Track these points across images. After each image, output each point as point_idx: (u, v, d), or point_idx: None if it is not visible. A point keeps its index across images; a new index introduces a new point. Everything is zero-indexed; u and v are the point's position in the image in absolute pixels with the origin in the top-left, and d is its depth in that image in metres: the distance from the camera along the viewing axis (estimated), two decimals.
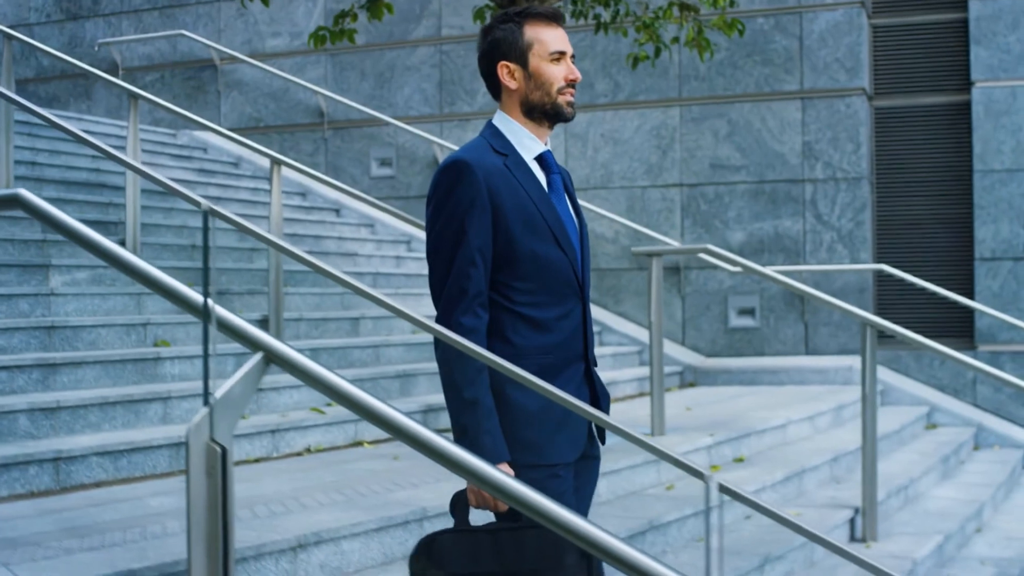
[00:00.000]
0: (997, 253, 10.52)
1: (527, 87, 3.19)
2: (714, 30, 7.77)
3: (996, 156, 10.52)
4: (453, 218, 3.05)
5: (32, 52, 13.70)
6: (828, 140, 10.83)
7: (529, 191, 3.12)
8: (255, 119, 12.80)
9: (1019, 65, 10.49)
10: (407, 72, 12.25)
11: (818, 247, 10.85)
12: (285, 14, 12.76)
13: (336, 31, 8.00)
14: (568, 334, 3.16)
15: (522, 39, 3.19)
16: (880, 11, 11.19)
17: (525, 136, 3.20)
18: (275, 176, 8.01)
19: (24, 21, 13.96)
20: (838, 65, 10.83)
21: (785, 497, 6.79)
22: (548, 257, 3.11)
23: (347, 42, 11.82)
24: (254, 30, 12.91)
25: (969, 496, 8.07)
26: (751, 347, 10.97)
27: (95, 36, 13.59)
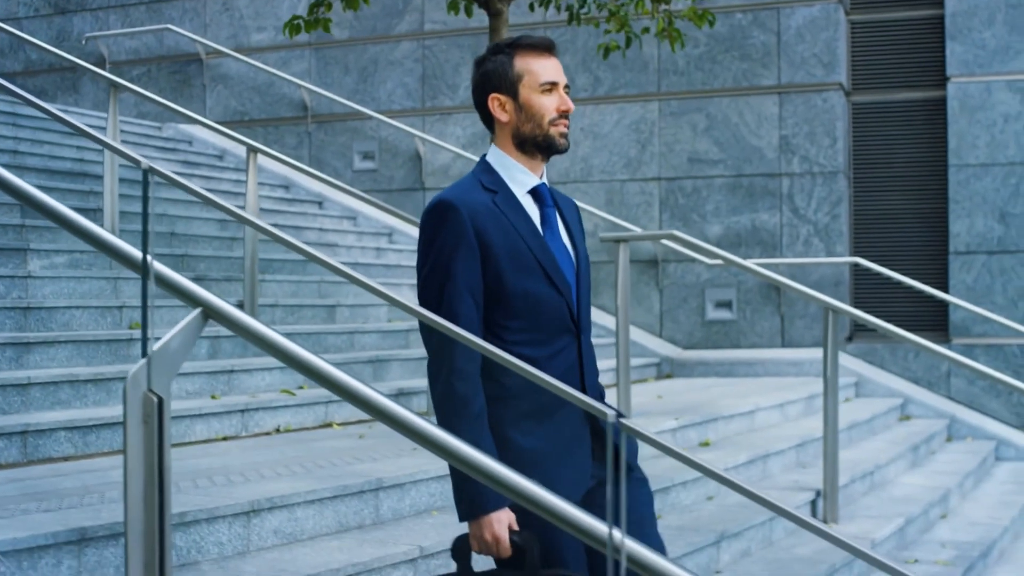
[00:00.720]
0: (971, 247, 10.63)
1: (518, 119, 3.12)
2: (685, 21, 7.87)
3: (971, 151, 10.63)
4: (440, 259, 3.01)
5: (20, 46, 13.81)
6: (805, 134, 10.94)
7: (519, 229, 3.07)
8: (240, 113, 12.90)
9: (994, 60, 10.60)
10: (390, 66, 12.36)
11: (795, 240, 10.96)
12: (270, 8, 12.87)
13: (311, 20, 8.08)
14: (561, 372, 3.07)
15: (512, 70, 3.14)
16: (858, 7, 11.31)
17: (517, 170, 3.13)
18: (251, 163, 8.10)
19: (13, 15, 14.07)
20: (815, 60, 10.94)
21: (748, 479, 6.89)
22: (539, 295, 3.06)
23: (331, 36, 11.95)
24: (239, 24, 13.02)
25: (936, 483, 8.16)
26: (728, 339, 11.08)
27: (82, 30, 13.70)
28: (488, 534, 2.90)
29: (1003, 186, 10.56)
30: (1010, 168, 10.54)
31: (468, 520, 2.94)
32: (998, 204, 10.57)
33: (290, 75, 12.54)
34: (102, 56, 13.43)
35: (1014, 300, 10.49)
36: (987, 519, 7.77)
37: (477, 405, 2.94)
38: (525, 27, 11.70)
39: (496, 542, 2.90)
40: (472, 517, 2.92)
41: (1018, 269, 10.49)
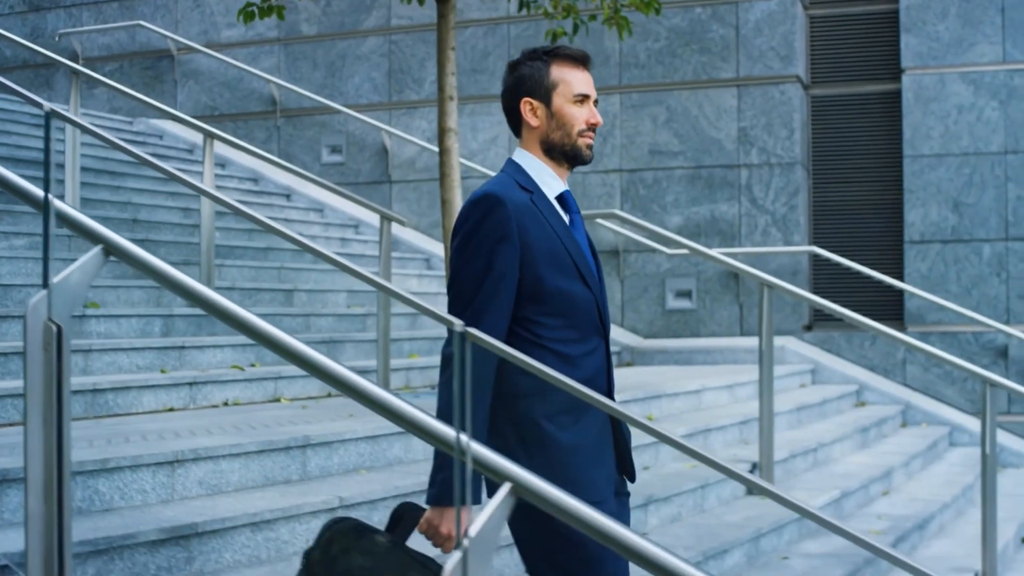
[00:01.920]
0: (926, 236, 10.80)
1: (548, 126, 3.16)
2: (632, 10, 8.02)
3: (925, 141, 10.81)
4: (480, 251, 3.02)
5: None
6: (763, 126, 11.11)
7: (555, 228, 3.10)
8: (210, 107, 13.06)
9: (948, 53, 10.78)
10: (357, 61, 12.53)
11: (753, 230, 11.12)
12: (239, 5, 13.01)
13: (264, 7, 8.23)
14: (594, 371, 3.12)
15: (548, 78, 3.17)
16: (816, 2, 11.49)
17: (547, 174, 3.18)
18: (207, 150, 8.26)
19: None
20: (773, 53, 11.12)
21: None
22: (574, 294, 3.09)
23: (300, 31, 12.11)
24: (210, 21, 13.19)
25: (881, 463, 8.32)
26: (688, 328, 11.23)
27: (56, 27, 13.86)
28: (446, 527, 2.90)
29: (957, 176, 10.73)
30: (963, 158, 10.71)
31: (434, 505, 2.92)
32: (952, 194, 10.74)
33: (259, 70, 12.71)
34: (75, 52, 13.58)
35: (967, 288, 10.66)
36: (929, 496, 7.93)
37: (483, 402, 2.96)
38: (477, 23, 11.89)
39: (449, 538, 2.90)
40: (439, 503, 2.90)
41: (971, 258, 10.66)
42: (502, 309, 3.02)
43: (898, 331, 10.58)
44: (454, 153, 7.45)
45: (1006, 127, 10.62)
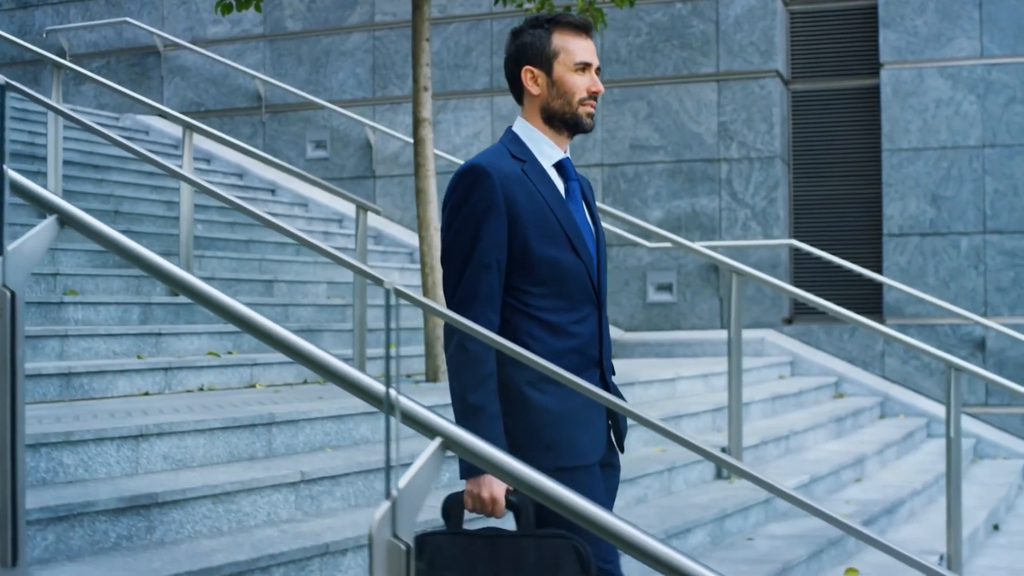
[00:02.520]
0: (904, 229, 10.88)
1: (549, 94, 3.16)
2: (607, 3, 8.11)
3: (903, 135, 10.90)
4: (468, 223, 3.03)
5: None
6: (743, 121, 11.20)
7: (546, 197, 3.10)
8: (196, 104, 13.15)
9: (926, 47, 10.87)
10: (341, 57, 12.62)
11: (733, 224, 11.21)
12: None
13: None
14: (584, 339, 3.12)
15: (549, 46, 3.16)
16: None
17: (544, 143, 3.18)
18: (187, 141, 8.34)
19: None
20: (753, 48, 11.21)
21: (656, 437, 7.11)
22: (564, 263, 3.09)
23: (285, 27, 12.20)
24: (196, 18, 13.27)
25: (855, 451, 8.40)
26: (668, 322, 11.32)
27: (44, 24, 13.95)
28: (486, 492, 2.92)
29: (935, 170, 10.82)
30: (941, 152, 10.80)
31: (467, 477, 2.94)
32: (930, 187, 10.83)
33: (245, 66, 12.79)
34: (62, 49, 13.67)
35: (945, 281, 10.75)
36: (901, 483, 8.01)
37: (488, 367, 2.98)
38: (460, 19, 11.98)
39: (493, 502, 2.92)
40: (471, 474, 2.93)
41: (949, 251, 10.75)
42: (493, 282, 3.04)
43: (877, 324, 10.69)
44: (428, 143, 7.54)
45: (984, 121, 10.70)
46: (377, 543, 2.39)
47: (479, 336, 2.86)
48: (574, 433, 3.05)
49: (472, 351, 2.97)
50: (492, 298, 3.04)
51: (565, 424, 3.04)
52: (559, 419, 3.04)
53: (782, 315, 11.17)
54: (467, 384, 2.98)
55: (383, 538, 2.41)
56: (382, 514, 2.39)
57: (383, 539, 2.41)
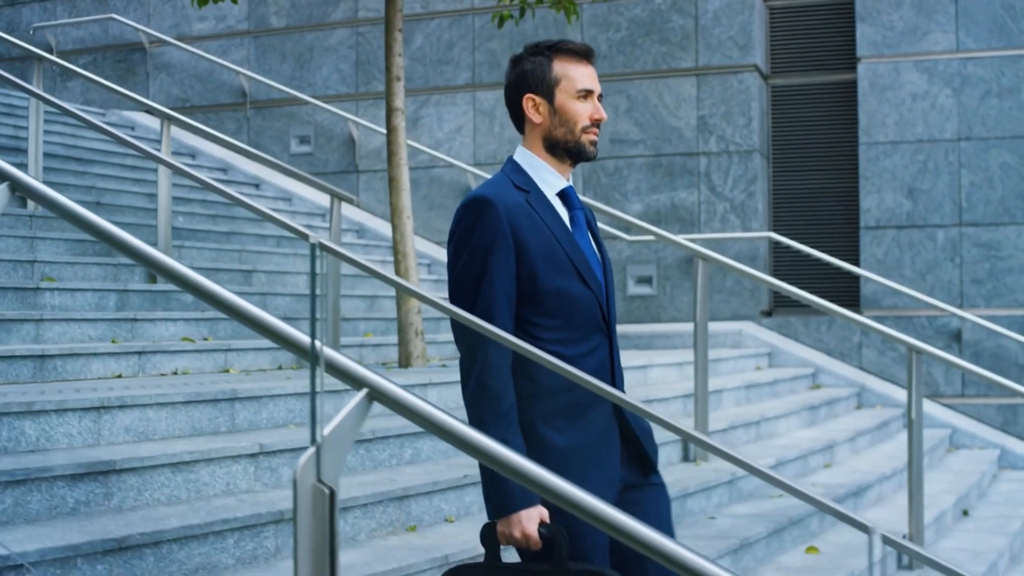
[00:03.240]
0: (881, 222, 10.98)
1: (551, 123, 3.12)
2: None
3: (880, 129, 11.00)
4: (475, 256, 3.00)
5: None
6: (721, 115, 11.30)
7: (552, 228, 3.06)
8: (182, 100, 13.25)
9: (902, 42, 10.98)
10: (325, 53, 12.72)
11: (712, 217, 11.31)
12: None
13: None
14: (594, 370, 3.06)
15: (550, 74, 3.12)
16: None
17: (547, 172, 3.13)
18: (165, 133, 8.44)
19: None
20: (731, 43, 11.31)
21: None
22: (573, 293, 3.05)
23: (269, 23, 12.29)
24: (181, 14, 13.38)
25: (826, 438, 8.48)
26: (648, 314, 11.41)
27: (31, 21, 14.06)
28: (518, 532, 2.89)
29: (911, 163, 10.92)
30: (918, 145, 10.90)
31: (497, 518, 2.93)
32: (906, 180, 10.93)
33: (230, 62, 12.90)
34: (50, 46, 13.78)
35: (922, 273, 10.84)
36: (870, 469, 8.10)
37: (507, 402, 2.94)
38: (442, 14, 12.08)
39: (526, 539, 2.89)
40: (501, 515, 2.91)
41: (926, 243, 10.85)
42: (503, 315, 3.00)
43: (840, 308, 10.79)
44: (401, 132, 7.64)
45: (959, 114, 10.81)
46: (302, 487, 2.47)
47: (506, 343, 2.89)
48: (586, 471, 2.98)
49: (492, 388, 2.94)
50: (505, 330, 2.99)
51: (579, 463, 2.98)
52: (572, 458, 2.99)
53: (761, 307, 11.26)
54: (487, 420, 2.93)
55: (308, 482, 2.49)
56: (306, 459, 2.46)
57: (308, 483, 2.49)
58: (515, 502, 2.88)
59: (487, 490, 2.95)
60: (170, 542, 3.87)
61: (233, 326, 7.56)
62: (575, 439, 3.00)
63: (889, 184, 10.97)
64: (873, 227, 11.00)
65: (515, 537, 2.91)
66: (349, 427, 2.70)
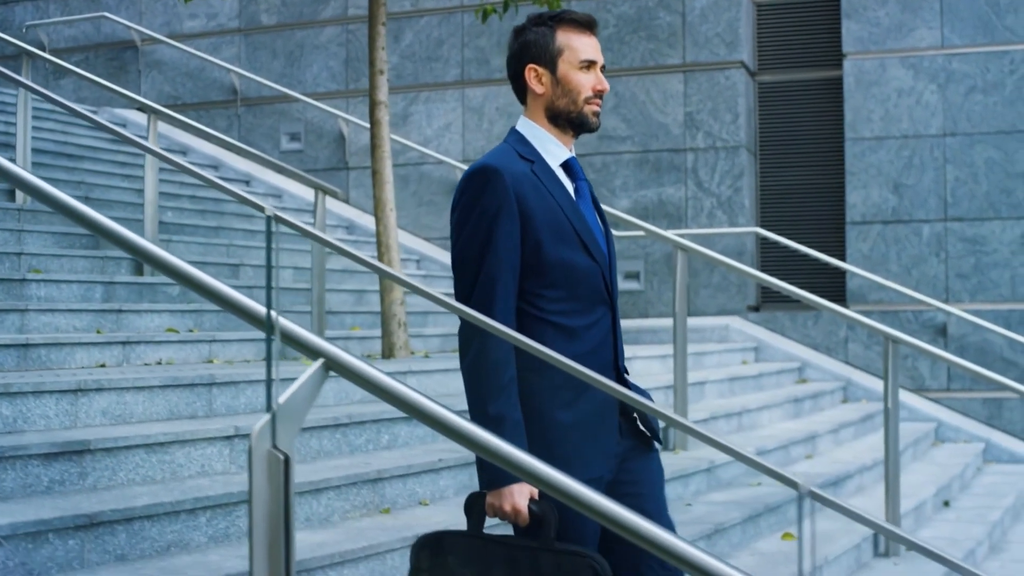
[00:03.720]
0: (867, 217, 11.05)
1: (554, 93, 3.11)
2: None
3: (866, 124, 11.07)
4: (480, 225, 2.97)
5: None
6: (708, 111, 11.37)
7: (557, 198, 3.04)
8: (173, 97, 13.32)
9: (888, 38, 11.04)
10: (315, 50, 12.80)
11: (699, 213, 11.38)
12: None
13: None
14: (598, 342, 3.06)
15: (553, 44, 3.10)
16: None
17: (550, 142, 3.13)
18: (152, 128, 8.50)
19: None
20: (718, 40, 11.38)
21: None
22: (577, 265, 3.02)
23: (260, 21, 12.36)
24: (173, 12, 13.45)
25: (809, 429, 8.54)
26: (636, 309, 11.47)
27: (24, 19, 14.14)
28: (508, 505, 2.88)
29: (897, 158, 10.99)
30: (903, 141, 10.97)
31: (488, 490, 2.91)
32: (892, 176, 11.00)
33: (221, 60, 12.97)
34: (42, 44, 13.85)
35: (907, 268, 10.91)
36: (851, 460, 8.16)
37: (506, 375, 2.92)
38: (432, 12, 12.15)
39: (515, 513, 2.88)
40: (492, 487, 2.90)
41: (911, 238, 10.91)
42: (507, 285, 2.98)
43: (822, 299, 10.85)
44: (384, 125, 7.70)
45: (944, 110, 10.87)
46: (256, 453, 2.51)
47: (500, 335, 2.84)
48: (584, 446, 2.98)
49: (489, 360, 2.91)
50: (508, 302, 2.98)
51: (578, 437, 2.98)
52: (573, 432, 2.98)
53: (748, 303, 11.33)
54: (485, 394, 2.91)
55: (262, 448, 2.52)
56: (262, 426, 2.50)
57: (262, 449, 2.52)
58: (508, 475, 2.83)
59: (481, 462, 2.91)
60: (142, 519, 3.93)
61: (219, 318, 7.63)
62: (576, 414, 2.99)
63: (875, 179, 11.03)
64: (859, 222, 11.06)
65: (504, 510, 2.89)
66: (304, 396, 2.74)
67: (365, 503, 4.78)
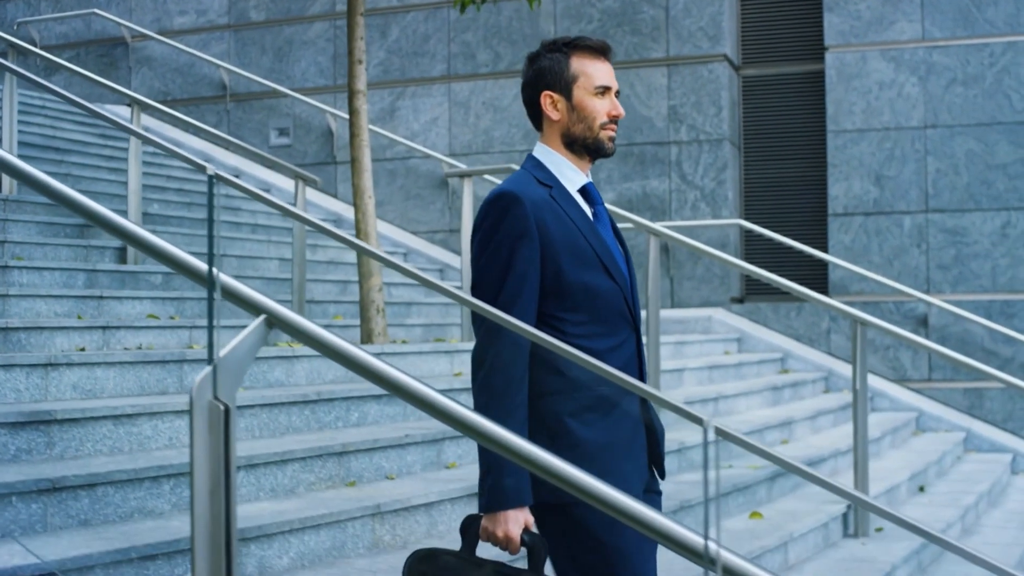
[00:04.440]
0: (849, 209, 11.14)
1: (569, 119, 3.13)
2: None
3: (848, 117, 11.16)
4: (500, 250, 2.99)
5: None
6: (692, 104, 11.47)
7: (576, 222, 3.07)
8: (163, 93, 13.43)
9: (869, 31, 11.14)
10: (304, 46, 12.91)
11: (683, 205, 11.47)
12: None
13: None
14: (622, 365, 3.04)
15: (568, 70, 3.13)
16: None
17: (567, 167, 3.15)
18: (135, 119, 8.61)
19: None
20: (701, 34, 11.48)
21: None
22: (599, 287, 3.04)
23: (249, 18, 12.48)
24: (163, 9, 13.57)
25: (785, 416, 8.63)
26: None
27: (15, 16, 14.26)
28: (500, 531, 2.89)
29: (878, 150, 11.08)
30: (884, 133, 11.07)
31: (485, 512, 2.90)
32: (874, 167, 11.09)
33: (210, 56, 13.08)
34: (33, 41, 13.97)
35: (889, 259, 11.00)
36: (827, 445, 8.25)
37: (518, 397, 2.93)
38: (418, 8, 12.25)
39: (507, 541, 2.88)
40: (489, 510, 2.89)
41: (893, 229, 11.00)
42: (526, 309, 2.99)
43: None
44: (363, 114, 7.80)
45: (925, 102, 10.97)
46: (198, 405, 2.56)
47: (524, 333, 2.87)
48: (620, 462, 2.98)
49: (498, 383, 2.92)
50: (527, 323, 2.96)
51: (611, 456, 2.97)
52: (604, 451, 2.97)
53: (731, 295, 11.42)
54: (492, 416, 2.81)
55: (204, 399, 2.58)
56: (203, 377, 2.56)
57: (204, 400, 2.58)
58: (505, 500, 2.86)
59: (482, 482, 2.92)
60: (105, 485, 4.02)
61: (200, 305, 7.72)
62: (605, 433, 2.99)
63: (856, 171, 11.13)
64: (841, 214, 11.15)
65: (496, 535, 2.90)
66: (246, 350, 2.82)
67: (331, 475, 4.88)
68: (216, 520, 2.73)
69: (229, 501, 2.76)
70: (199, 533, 2.67)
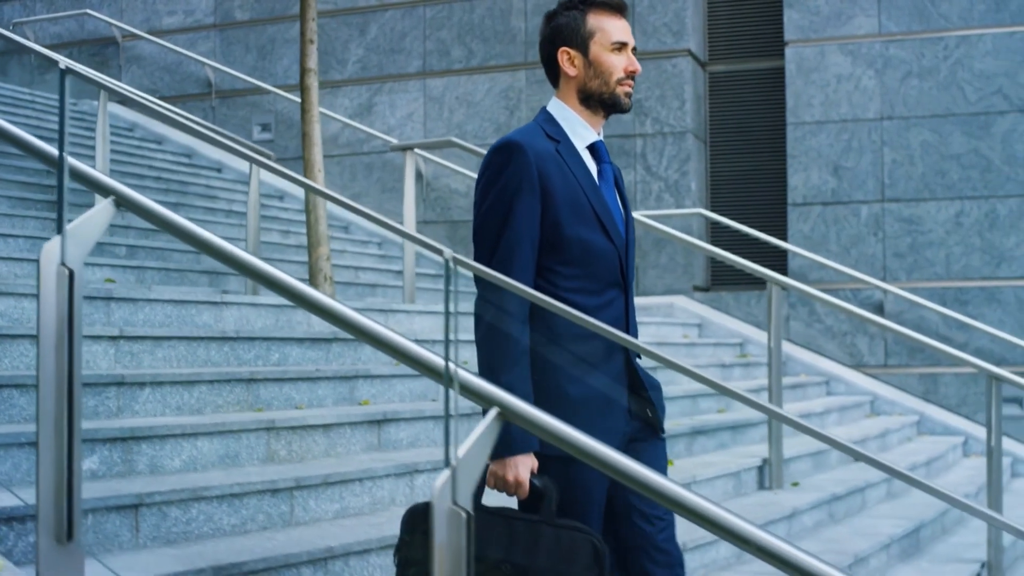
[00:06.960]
0: (808, 198, 11.45)
1: (586, 75, 3.17)
2: None
3: (807, 109, 11.48)
4: (502, 198, 3.03)
5: None
6: (656, 98, 11.81)
7: (579, 178, 3.10)
8: (152, 91, 13.86)
9: (827, 26, 11.46)
10: (286, 44, 13.33)
11: (648, 196, 11.80)
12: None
13: None
14: (610, 323, 3.07)
15: (584, 27, 3.17)
16: None
17: (579, 124, 3.19)
18: (101, 108, 8.96)
19: None
20: (666, 29, 11.83)
21: None
22: (594, 244, 3.09)
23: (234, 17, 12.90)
24: (152, 9, 14.03)
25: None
26: None
27: (11, 17, 14.76)
28: (511, 475, 2.93)
29: (836, 142, 11.39)
30: (842, 125, 11.37)
31: (493, 459, 2.91)
32: (832, 158, 11.40)
33: (197, 54, 13.52)
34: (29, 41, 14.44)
35: (846, 247, 11.29)
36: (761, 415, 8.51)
37: (521, 346, 2.97)
38: (395, 6, 12.64)
39: (517, 484, 2.93)
40: (497, 456, 2.91)
41: (850, 219, 11.30)
42: (526, 256, 3.04)
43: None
44: (314, 91, 8.17)
45: (882, 95, 11.27)
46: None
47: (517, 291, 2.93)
48: (593, 421, 2.98)
49: (501, 332, 2.96)
50: (526, 273, 3.03)
51: (585, 412, 3.01)
52: (583, 408, 3.02)
53: (694, 283, 11.72)
54: (496, 366, 2.96)
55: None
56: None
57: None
58: (513, 445, 2.91)
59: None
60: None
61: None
62: (587, 389, 3.04)
63: (815, 162, 11.43)
64: (800, 204, 11.46)
65: (507, 480, 2.94)
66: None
67: (239, 400, 5.20)
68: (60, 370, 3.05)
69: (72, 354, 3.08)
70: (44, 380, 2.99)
